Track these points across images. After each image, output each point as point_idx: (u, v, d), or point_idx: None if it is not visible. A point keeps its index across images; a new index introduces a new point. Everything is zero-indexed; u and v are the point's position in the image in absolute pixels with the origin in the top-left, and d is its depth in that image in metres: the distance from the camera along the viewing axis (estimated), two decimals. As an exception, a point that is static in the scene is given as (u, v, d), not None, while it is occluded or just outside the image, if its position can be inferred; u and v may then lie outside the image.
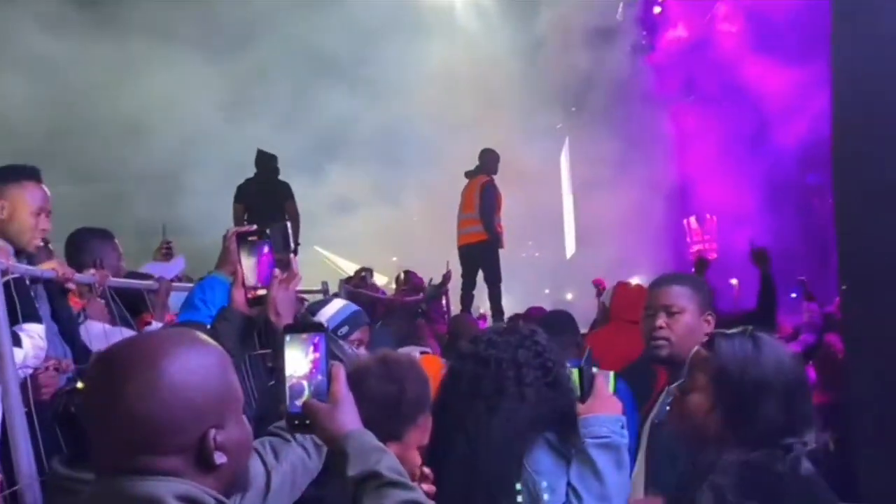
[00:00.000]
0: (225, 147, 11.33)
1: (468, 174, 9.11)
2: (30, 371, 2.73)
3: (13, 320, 2.67)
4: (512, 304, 9.36)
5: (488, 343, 2.23)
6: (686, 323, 2.67)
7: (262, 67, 12.61)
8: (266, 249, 2.07)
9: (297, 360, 1.54)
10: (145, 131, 11.33)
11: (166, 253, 5.15)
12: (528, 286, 12.46)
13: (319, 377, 1.53)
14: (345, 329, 2.88)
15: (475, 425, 2.08)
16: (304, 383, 1.53)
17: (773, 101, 10.56)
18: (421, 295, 8.28)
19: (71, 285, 3.19)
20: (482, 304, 9.71)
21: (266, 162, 8.72)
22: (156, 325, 3.84)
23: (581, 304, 9.57)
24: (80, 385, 2.35)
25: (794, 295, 10.10)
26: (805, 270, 9.80)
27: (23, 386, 2.64)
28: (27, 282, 2.82)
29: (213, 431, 1.25)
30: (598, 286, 7.27)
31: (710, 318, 2.72)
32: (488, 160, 9.09)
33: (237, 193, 8.59)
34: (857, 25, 3.83)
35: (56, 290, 3.09)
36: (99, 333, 3.38)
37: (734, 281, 9.33)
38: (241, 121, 12.13)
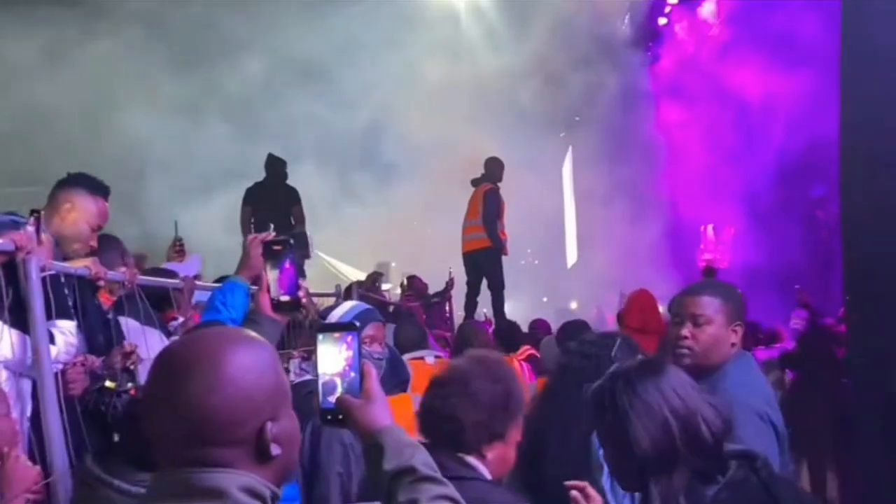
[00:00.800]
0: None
1: (474, 182, 9.16)
2: (60, 367, 2.76)
3: (47, 316, 2.70)
4: (511, 312, 9.44)
5: (591, 343, 2.75)
6: (711, 333, 2.68)
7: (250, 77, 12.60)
8: (289, 260, 2.13)
9: (330, 358, 1.59)
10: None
11: (179, 250, 5.21)
12: (528, 294, 12.51)
13: (352, 374, 1.58)
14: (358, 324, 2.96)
15: (577, 408, 2.19)
16: (337, 380, 1.58)
17: (780, 113, 10.63)
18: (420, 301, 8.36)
19: (101, 283, 3.24)
20: (482, 310, 9.74)
21: (275, 166, 8.79)
22: (180, 321, 3.97)
23: (583, 313, 9.62)
24: (108, 384, 2.40)
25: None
26: (806, 283, 9.91)
27: (55, 382, 2.66)
28: (61, 279, 2.86)
29: (269, 424, 1.30)
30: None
31: (738, 328, 2.72)
32: (494, 168, 9.18)
33: (245, 196, 8.65)
34: (866, 39, 3.90)
35: (87, 287, 3.13)
36: (136, 329, 3.44)
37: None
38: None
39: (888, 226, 3.73)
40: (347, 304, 3.20)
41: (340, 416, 1.57)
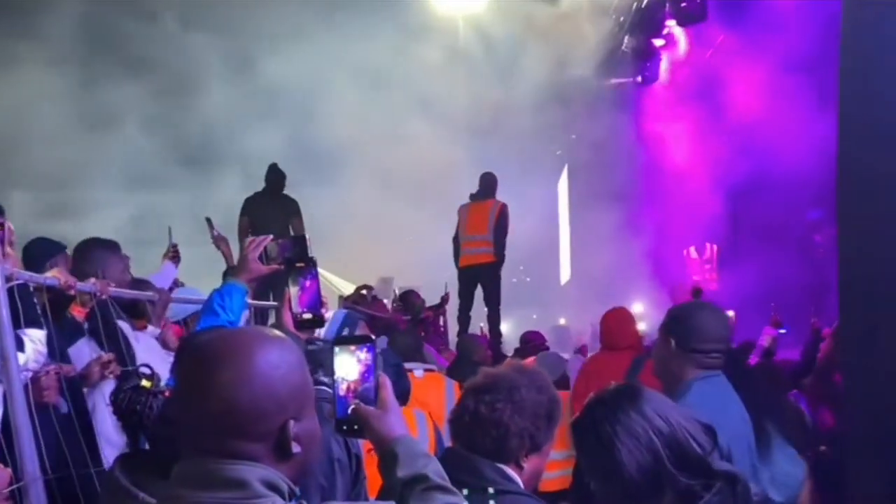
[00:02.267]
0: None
1: (475, 196, 9.14)
2: (30, 374, 2.78)
3: (16, 325, 2.72)
4: (503, 328, 9.43)
5: None
6: None
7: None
8: (309, 280, 2.14)
9: (346, 370, 1.65)
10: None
11: (174, 256, 5.30)
12: (520, 311, 12.48)
13: (367, 385, 1.64)
14: (346, 332, 2.94)
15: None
16: (353, 390, 1.64)
17: (777, 133, 10.64)
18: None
19: (72, 293, 3.21)
20: (479, 324, 9.72)
21: (276, 178, 8.80)
22: (152, 330, 4.07)
23: (577, 330, 9.58)
24: (145, 383, 2.41)
25: (783, 331, 10.16)
26: (801, 305, 9.89)
27: (24, 388, 2.69)
28: (31, 288, 2.86)
29: (291, 422, 1.35)
30: None
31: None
32: (493, 184, 9.19)
33: (243, 207, 8.65)
34: (865, 60, 3.89)
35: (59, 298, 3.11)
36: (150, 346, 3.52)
37: (731, 313, 9.34)
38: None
39: (885, 245, 3.70)
40: (330, 314, 3.17)
41: (356, 426, 1.63)
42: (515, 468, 2.06)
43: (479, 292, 9.12)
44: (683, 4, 12.49)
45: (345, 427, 1.65)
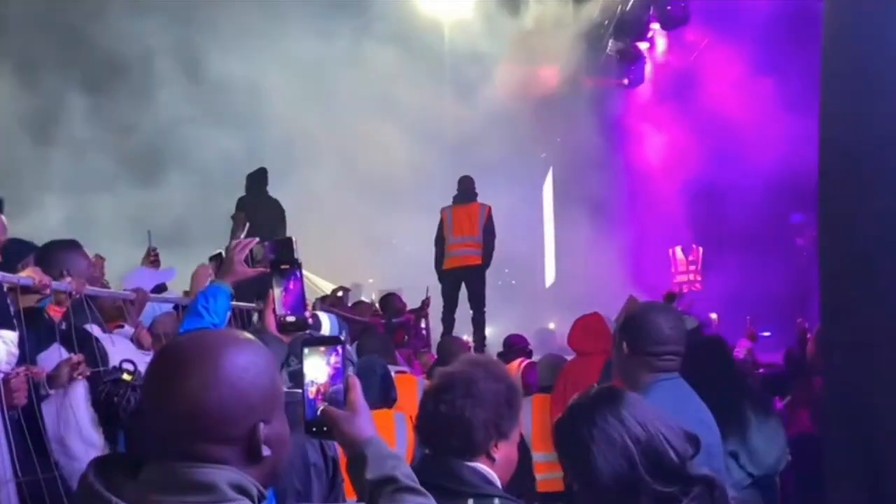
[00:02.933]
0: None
1: (458, 199, 9.19)
2: (1, 376, 2.72)
3: None
4: (488, 332, 9.42)
5: None
6: None
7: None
8: (293, 281, 2.09)
9: (316, 371, 1.63)
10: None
11: (154, 261, 5.22)
12: (505, 313, 12.45)
13: (336, 387, 1.63)
14: (344, 335, 2.91)
15: None
16: (322, 392, 1.63)
17: (762, 135, 10.70)
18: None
19: (48, 292, 3.17)
20: (461, 330, 9.70)
21: (260, 179, 8.78)
22: (127, 329, 4.05)
23: (562, 334, 9.55)
24: (125, 377, 2.34)
25: (767, 333, 10.20)
26: (784, 309, 9.94)
27: None
28: (4, 288, 2.82)
29: (261, 425, 1.34)
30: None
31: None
32: (474, 186, 9.29)
33: (239, 204, 8.64)
34: (848, 63, 3.89)
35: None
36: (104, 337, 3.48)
37: (714, 315, 9.38)
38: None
39: (866, 247, 3.70)
40: (327, 319, 3.13)
41: (325, 428, 1.62)
42: (487, 461, 2.07)
43: (462, 294, 9.12)
44: (668, 8, 12.54)
45: (314, 429, 1.64)
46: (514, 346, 7.05)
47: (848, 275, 3.86)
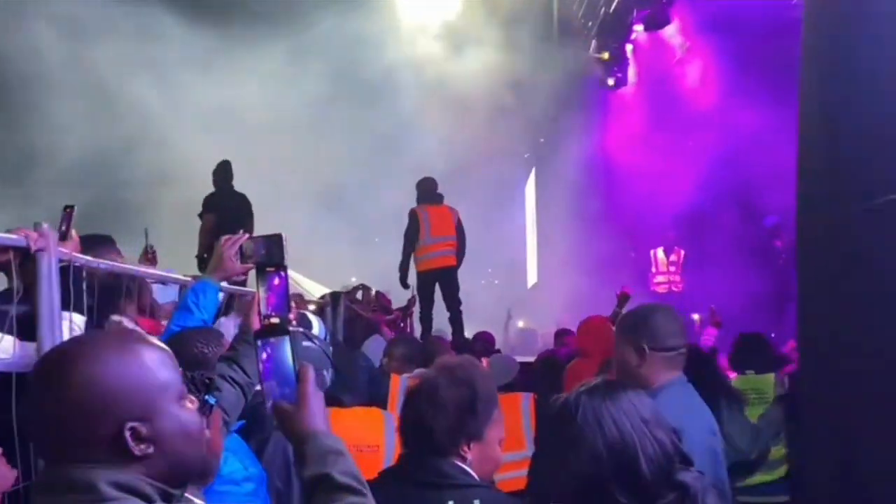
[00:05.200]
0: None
1: (429, 199, 9.18)
2: None
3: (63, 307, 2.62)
4: (471, 332, 9.43)
5: None
6: None
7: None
8: (277, 280, 2.10)
9: (268, 365, 1.64)
10: None
11: (151, 258, 5.17)
12: (488, 314, 12.48)
13: (288, 379, 1.62)
14: (328, 338, 2.95)
15: None
16: (274, 385, 1.62)
17: (743, 137, 10.79)
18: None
19: None
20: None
21: (226, 174, 8.70)
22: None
23: (544, 334, 9.62)
24: None
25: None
26: (762, 313, 10.03)
27: None
28: (83, 274, 2.75)
29: (130, 424, 1.33)
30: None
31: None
32: (437, 187, 9.32)
33: (206, 204, 8.52)
34: (826, 66, 3.93)
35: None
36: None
37: (696, 316, 9.44)
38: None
39: (845, 249, 3.74)
40: (315, 320, 3.13)
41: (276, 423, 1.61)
42: (460, 461, 2.11)
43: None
44: (650, 10, 12.61)
45: (275, 423, 1.65)
46: (479, 341, 7.18)
47: (826, 279, 3.91)
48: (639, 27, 13.19)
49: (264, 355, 1.65)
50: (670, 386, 2.70)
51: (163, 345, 1.47)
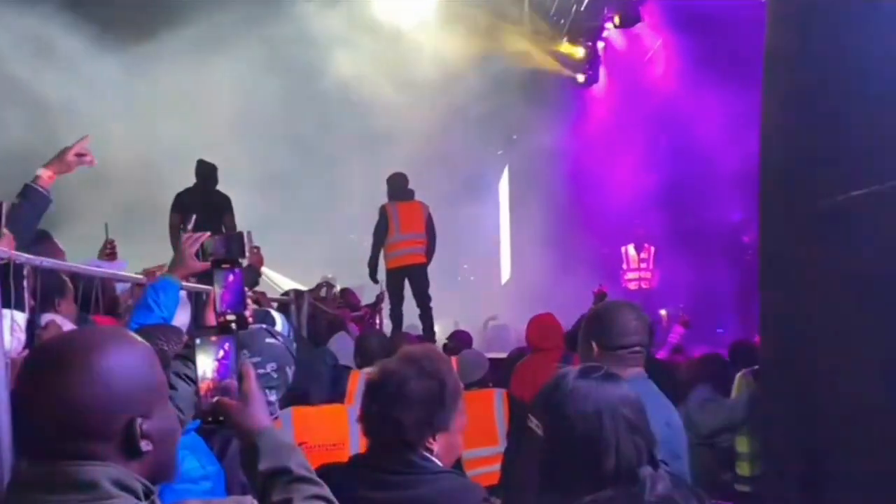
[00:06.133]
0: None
1: (399, 196, 9.16)
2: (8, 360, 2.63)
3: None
4: (447, 329, 9.46)
5: None
6: None
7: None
8: (231, 277, 2.08)
9: (209, 361, 1.66)
10: None
11: (110, 253, 5.13)
12: (463, 310, 12.49)
13: (231, 376, 1.65)
14: (292, 334, 2.94)
15: None
16: (216, 382, 1.65)
17: (711, 134, 10.87)
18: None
19: None
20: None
21: (207, 172, 8.59)
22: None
23: (518, 330, 9.63)
24: None
25: (720, 330, 10.39)
26: (729, 308, 10.14)
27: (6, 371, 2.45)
28: (23, 272, 2.72)
29: (139, 420, 1.34)
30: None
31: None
32: (408, 183, 9.28)
33: (174, 202, 8.43)
34: (787, 65, 3.98)
35: None
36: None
37: (663, 312, 9.53)
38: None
39: (806, 244, 3.79)
40: (278, 317, 3.10)
41: (221, 418, 1.63)
42: (427, 452, 2.12)
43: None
44: (622, 7, 12.69)
45: (209, 419, 1.66)
46: (453, 340, 7.23)
47: (787, 274, 3.96)
48: (610, 25, 13.26)
49: (221, 353, 1.67)
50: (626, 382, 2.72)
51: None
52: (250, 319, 2.17)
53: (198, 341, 1.68)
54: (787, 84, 4.00)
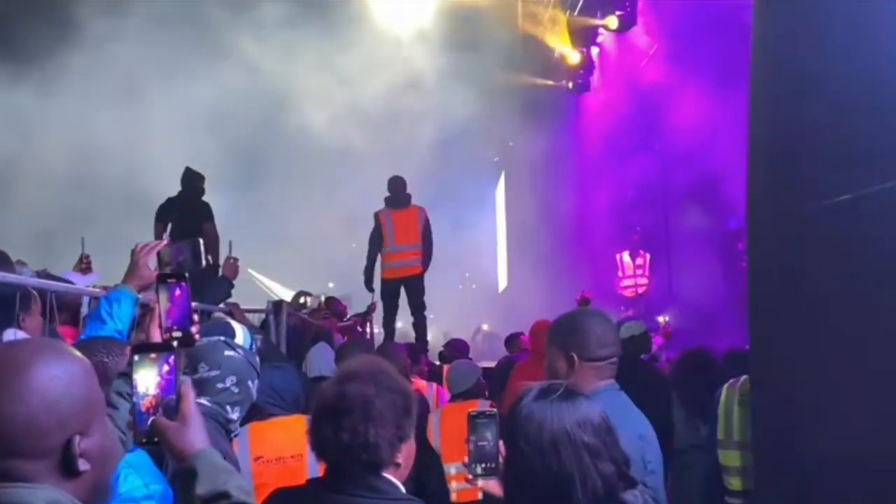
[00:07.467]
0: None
1: (394, 203, 8.88)
2: None
3: None
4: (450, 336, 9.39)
5: None
6: None
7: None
8: (178, 291, 1.98)
9: (148, 379, 1.58)
10: None
11: (86, 268, 5.10)
12: (463, 318, 12.44)
13: (169, 396, 1.57)
14: (255, 347, 2.82)
15: None
16: (154, 401, 1.57)
17: (708, 139, 10.81)
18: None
19: None
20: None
21: (192, 181, 8.47)
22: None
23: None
24: None
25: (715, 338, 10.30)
26: (725, 316, 10.03)
27: None
28: None
29: (77, 438, 1.27)
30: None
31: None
32: (406, 188, 8.95)
33: (158, 212, 8.30)
34: (774, 68, 3.90)
35: None
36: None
37: (661, 318, 9.46)
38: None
39: (795, 253, 3.71)
40: (240, 329, 2.98)
41: (156, 439, 1.56)
42: (392, 468, 2.02)
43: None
44: (617, 13, 12.64)
45: (144, 440, 1.59)
46: (450, 346, 7.18)
47: (775, 281, 3.87)
48: (604, 31, 13.22)
49: (165, 369, 1.59)
50: (598, 393, 2.61)
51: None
52: (197, 337, 2.05)
53: (136, 358, 1.59)
54: (774, 87, 3.91)
